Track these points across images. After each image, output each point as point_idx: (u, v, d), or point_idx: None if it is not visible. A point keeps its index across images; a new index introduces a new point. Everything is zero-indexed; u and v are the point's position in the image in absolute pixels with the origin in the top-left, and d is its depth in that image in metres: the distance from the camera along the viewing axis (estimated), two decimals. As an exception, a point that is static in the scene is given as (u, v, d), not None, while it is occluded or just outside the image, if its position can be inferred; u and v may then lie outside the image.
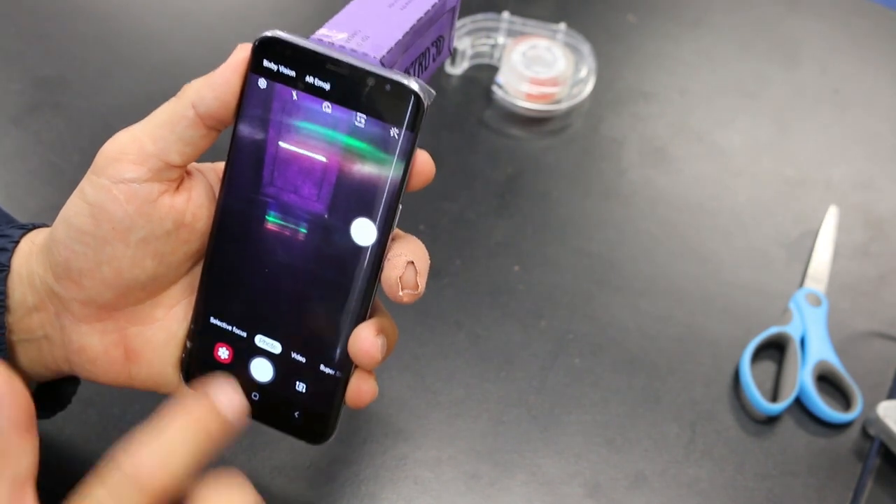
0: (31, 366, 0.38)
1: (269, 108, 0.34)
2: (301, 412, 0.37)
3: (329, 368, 0.37)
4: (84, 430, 0.47)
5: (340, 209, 0.34)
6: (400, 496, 0.48)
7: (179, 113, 0.34)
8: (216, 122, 0.34)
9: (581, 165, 0.66)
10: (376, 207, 0.34)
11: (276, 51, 0.33)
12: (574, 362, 0.55)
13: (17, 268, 0.36)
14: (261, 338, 0.37)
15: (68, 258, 0.35)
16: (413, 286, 0.34)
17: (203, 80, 0.34)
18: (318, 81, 0.33)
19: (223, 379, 0.36)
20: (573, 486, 0.50)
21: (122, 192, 0.34)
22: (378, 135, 0.33)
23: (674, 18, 0.77)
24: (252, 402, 0.38)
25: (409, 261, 0.34)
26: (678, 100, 0.71)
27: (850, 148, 0.69)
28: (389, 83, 0.33)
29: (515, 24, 0.70)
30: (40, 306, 0.36)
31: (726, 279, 0.60)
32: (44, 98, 0.64)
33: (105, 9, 0.71)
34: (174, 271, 0.37)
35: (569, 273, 0.59)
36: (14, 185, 0.59)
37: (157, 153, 0.34)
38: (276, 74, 0.34)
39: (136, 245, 0.34)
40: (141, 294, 0.36)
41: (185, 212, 0.35)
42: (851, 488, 0.52)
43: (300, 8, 0.73)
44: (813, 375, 0.55)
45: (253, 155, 0.35)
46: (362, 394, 0.37)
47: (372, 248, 0.35)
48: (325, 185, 0.34)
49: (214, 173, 0.37)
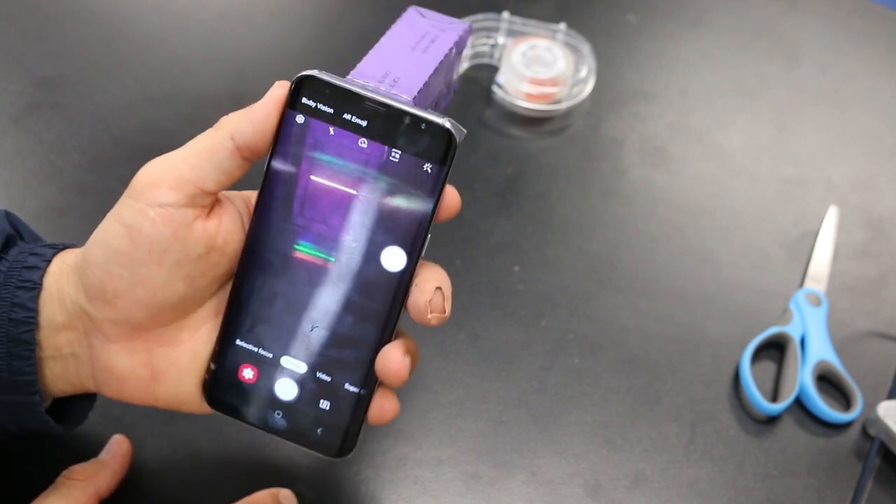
0: (56, 381, 0.39)
1: (305, 143, 0.36)
2: (324, 428, 0.39)
3: (354, 387, 0.38)
4: (84, 430, 0.47)
5: (372, 238, 0.36)
6: (400, 496, 0.48)
7: (218, 143, 0.36)
8: (252, 154, 0.36)
9: (581, 165, 0.66)
10: (407, 237, 0.36)
11: (316, 89, 0.35)
12: (574, 362, 0.55)
13: (47, 286, 0.37)
14: (287, 359, 0.38)
15: (103, 279, 0.36)
16: (441, 310, 0.37)
17: (242, 114, 0.36)
18: (355, 118, 0.35)
19: None
20: (573, 486, 0.50)
21: (159, 216, 0.35)
22: (412, 169, 0.36)
23: (674, 18, 0.77)
24: (275, 419, 0.39)
25: (437, 286, 0.37)
26: (678, 100, 0.71)
27: (850, 148, 0.69)
28: (424, 122, 0.35)
29: (515, 24, 0.70)
30: (69, 325, 0.38)
31: (726, 279, 0.60)
32: (44, 98, 0.64)
33: (105, 9, 0.71)
34: (202, 294, 0.38)
35: (569, 273, 0.59)
36: (14, 185, 0.59)
37: (194, 180, 0.35)
38: (313, 111, 0.36)
39: (169, 267, 0.36)
40: (170, 316, 0.38)
41: (216, 236, 0.37)
42: (851, 488, 0.52)
43: (299, 8, 0.73)
44: (813, 375, 0.55)
45: (287, 185, 0.36)
46: (385, 411, 0.39)
47: (401, 274, 0.37)
48: (358, 215, 0.36)
49: (242, 201, 0.39)
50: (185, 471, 0.47)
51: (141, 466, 0.47)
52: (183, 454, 0.48)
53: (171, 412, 0.43)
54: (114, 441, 0.45)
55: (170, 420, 0.49)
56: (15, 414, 0.38)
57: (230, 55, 0.68)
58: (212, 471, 0.48)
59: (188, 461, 0.48)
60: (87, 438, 0.47)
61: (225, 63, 0.67)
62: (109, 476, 0.44)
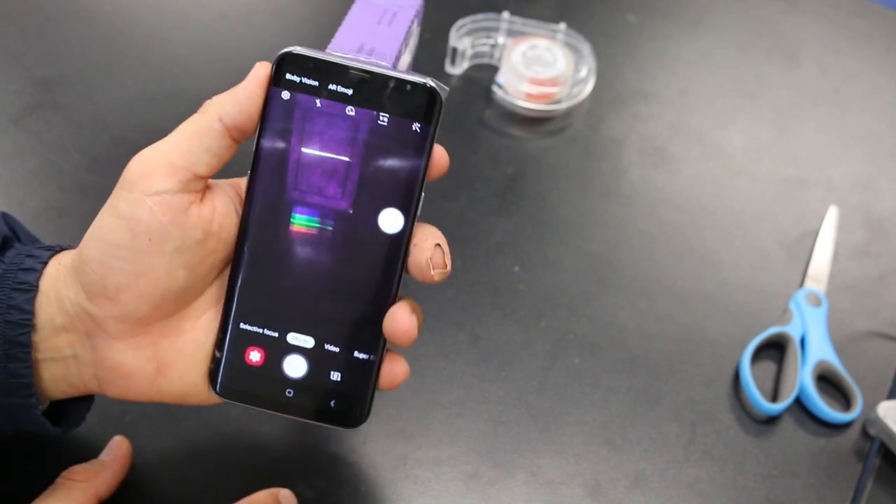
0: (56, 383, 0.39)
1: (293, 117, 0.37)
2: (337, 400, 0.39)
3: (363, 353, 0.39)
4: (84, 430, 0.47)
5: (368, 203, 0.37)
6: (400, 496, 0.48)
7: (206, 126, 0.36)
8: (240, 135, 0.37)
9: (581, 165, 0.66)
10: (403, 198, 0.37)
11: (298, 64, 0.36)
12: (574, 362, 0.55)
13: (44, 288, 0.37)
14: (293, 335, 0.39)
15: (104, 275, 0.36)
16: (442, 265, 0.37)
17: (226, 95, 0.36)
18: (340, 88, 0.36)
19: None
20: (573, 486, 0.50)
21: (156, 204, 0.35)
22: (400, 131, 0.37)
23: (674, 18, 0.77)
24: (286, 399, 0.39)
25: (436, 243, 0.37)
26: (678, 100, 0.71)
27: (850, 148, 0.69)
28: (409, 84, 0.36)
29: (515, 24, 0.70)
30: (70, 327, 0.38)
31: (726, 279, 0.60)
32: (44, 98, 0.64)
33: (105, 9, 0.71)
34: (202, 282, 0.38)
35: (569, 273, 0.59)
36: (14, 185, 0.59)
37: (186, 165, 0.36)
38: (298, 85, 0.36)
39: (170, 255, 0.36)
40: (173, 306, 0.38)
41: (212, 221, 0.37)
42: (851, 488, 0.52)
43: (298, 8, 0.73)
44: (813, 375, 0.55)
45: (279, 161, 0.37)
46: (396, 375, 0.39)
47: (399, 235, 0.37)
48: (352, 182, 0.37)
49: (231, 187, 0.39)
50: (185, 471, 0.47)
51: (141, 466, 0.47)
52: (183, 454, 0.48)
53: (171, 412, 0.43)
54: (114, 442, 0.45)
55: (170, 420, 0.49)
56: (11, 416, 0.38)
57: (230, 55, 0.68)
58: (212, 471, 0.48)
59: (188, 461, 0.48)
60: (86, 439, 0.47)
61: (225, 63, 0.67)
62: (109, 477, 0.44)
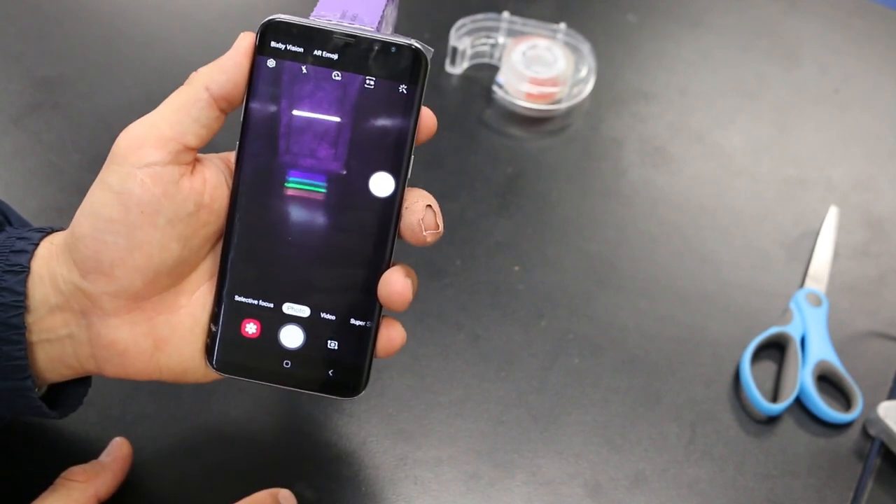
0: (52, 365, 0.39)
1: (280, 84, 0.37)
2: (335, 369, 0.39)
3: (359, 320, 0.38)
4: (84, 430, 0.47)
5: (359, 168, 0.37)
6: (400, 496, 0.48)
7: (194, 97, 0.36)
8: (227, 104, 0.37)
9: (581, 165, 0.66)
10: (393, 161, 0.37)
11: (283, 31, 0.37)
12: (574, 362, 0.55)
13: (37, 269, 0.37)
14: (289, 305, 0.38)
15: (98, 250, 0.36)
16: (434, 226, 0.37)
17: (213, 66, 0.37)
18: (326, 53, 0.36)
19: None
20: (573, 486, 0.50)
21: (147, 176, 0.35)
22: (388, 94, 0.37)
23: (674, 18, 0.77)
24: (284, 370, 0.39)
25: (427, 205, 0.37)
26: (678, 100, 0.71)
27: (850, 148, 0.69)
28: (394, 46, 0.36)
29: (515, 24, 0.70)
30: (64, 306, 0.37)
31: (726, 279, 0.60)
32: (44, 98, 0.64)
33: (105, 9, 0.71)
34: (195, 255, 0.38)
35: (569, 273, 0.59)
36: (14, 185, 0.59)
37: (175, 136, 0.36)
38: (284, 53, 0.36)
39: (163, 228, 0.36)
40: (167, 281, 0.38)
41: (203, 193, 0.37)
42: (852, 489, 0.52)
43: (298, 8, 0.73)
44: (813, 375, 0.55)
45: (267, 129, 0.37)
46: (393, 340, 0.39)
47: (391, 199, 0.37)
48: (341, 146, 0.37)
49: (220, 160, 0.39)
50: (185, 471, 0.47)
51: (141, 466, 0.47)
52: (183, 454, 0.48)
53: (171, 412, 0.43)
54: (114, 443, 0.45)
55: (170, 420, 0.49)
56: (8, 400, 0.38)
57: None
58: (212, 471, 0.48)
59: (188, 461, 0.48)
60: (86, 439, 0.47)
61: (225, 63, 0.67)
62: (109, 478, 0.44)
